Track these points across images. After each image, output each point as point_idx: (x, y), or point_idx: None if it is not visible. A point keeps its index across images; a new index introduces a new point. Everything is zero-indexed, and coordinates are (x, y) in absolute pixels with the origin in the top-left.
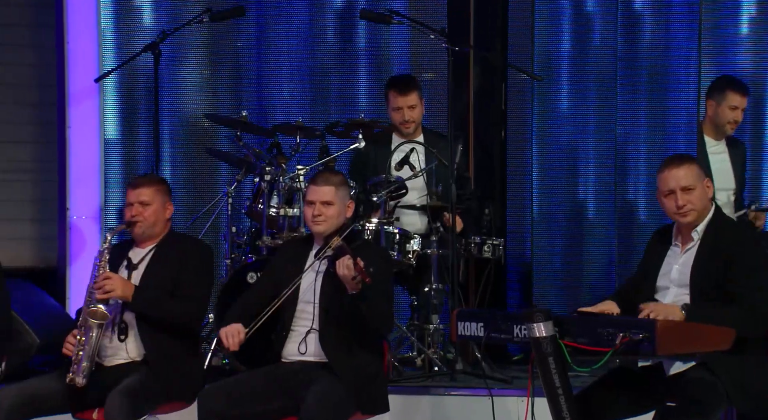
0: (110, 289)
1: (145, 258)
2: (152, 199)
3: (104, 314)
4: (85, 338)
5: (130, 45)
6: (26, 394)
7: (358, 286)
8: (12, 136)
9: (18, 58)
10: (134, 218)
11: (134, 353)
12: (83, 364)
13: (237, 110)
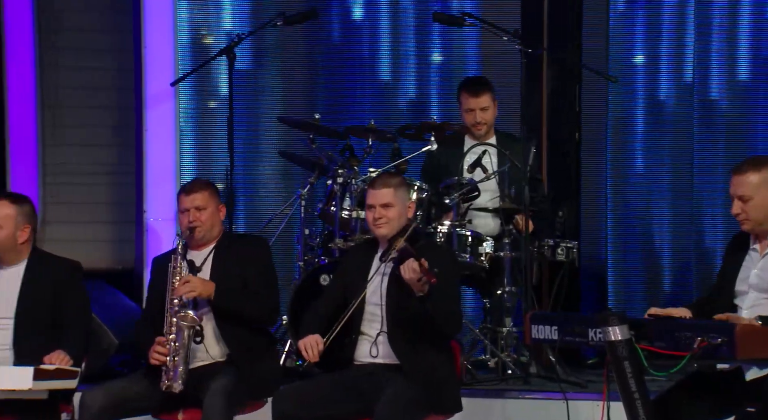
0: (191, 289)
1: (207, 259)
2: (207, 203)
3: (194, 318)
4: (177, 344)
5: (205, 49)
6: (113, 396)
7: (424, 287)
8: (91, 139)
9: (97, 63)
10: (193, 224)
11: (215, 354)
12: (179, 370)
13: (310, 113)
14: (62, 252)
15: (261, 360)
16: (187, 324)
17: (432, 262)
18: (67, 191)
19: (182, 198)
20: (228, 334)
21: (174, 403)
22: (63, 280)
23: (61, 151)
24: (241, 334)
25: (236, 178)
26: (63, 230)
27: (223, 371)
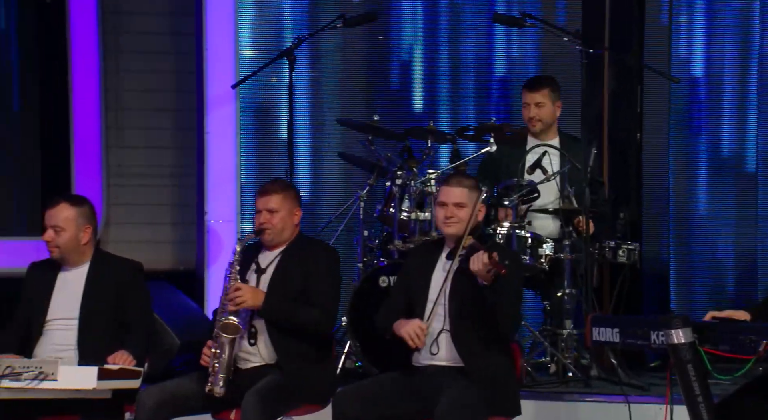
0: (241, 300)
1: (273, 262)
2: (280, 206)
3: (236, 328)
4: (219, 351)
5: (266, 51)
6: (167, 394)
7: (491, 277)
8: (153, 141)
9: (160, 66)
10: (263, 226)
11: (267, 356)
12: (220, 376)
13: (369, 115)
14: (125, 253)
15: (313, 363)
16: (229, 336)
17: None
18: (130, 193)
19: (258, 198)
20: (277, 340)
21: (227, 402)
22: (125, 280)
23: (124, 154)
24: (291, 340)
25: (296, 179)
26: (126, 231)
27: (269, 374)
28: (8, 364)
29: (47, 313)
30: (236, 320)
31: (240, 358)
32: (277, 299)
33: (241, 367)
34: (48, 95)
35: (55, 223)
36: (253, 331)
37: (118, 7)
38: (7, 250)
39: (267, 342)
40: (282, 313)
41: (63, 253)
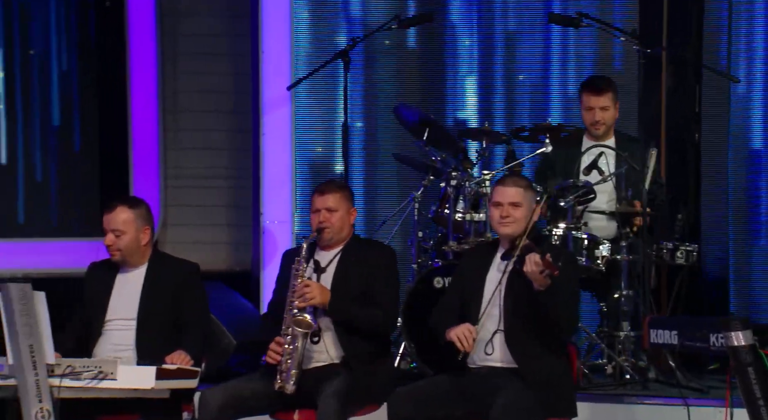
0: (311, 297)
1: (332, 261)
2: (338, 205)
3: (309, 323)
4: (292, 347)
5: (321, 53)
6: (230, 395)
7: (546, 280)
8: (209, 143)
9: (216, 68)
10: (322, 225)
11: (332, 356)
12: (292, 372)
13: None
14: (182, 254)
15: (376, 363)
16: (302, 330)
17: (554, 256)
18: (187, 194)
19: (315, 198)
20: (344, 338)
21: (290, 402)
22: (182, 281)
23: (181, 155)
24: (357, 339)
25: (351, 181)
26: (183, 232)
27: (337, 373)
28: (69, 364)
29: (106, 314)
30: (309, 317)
31: (304, 358)
32: (342, 298)
33: (304, 367)
34: (107, 97)
35: (114, 227)
36: (317, 329)
37: (176, 9)
38: (67, 250)
39: (334, 340)
40: (347, 312)
41: (124, 256)
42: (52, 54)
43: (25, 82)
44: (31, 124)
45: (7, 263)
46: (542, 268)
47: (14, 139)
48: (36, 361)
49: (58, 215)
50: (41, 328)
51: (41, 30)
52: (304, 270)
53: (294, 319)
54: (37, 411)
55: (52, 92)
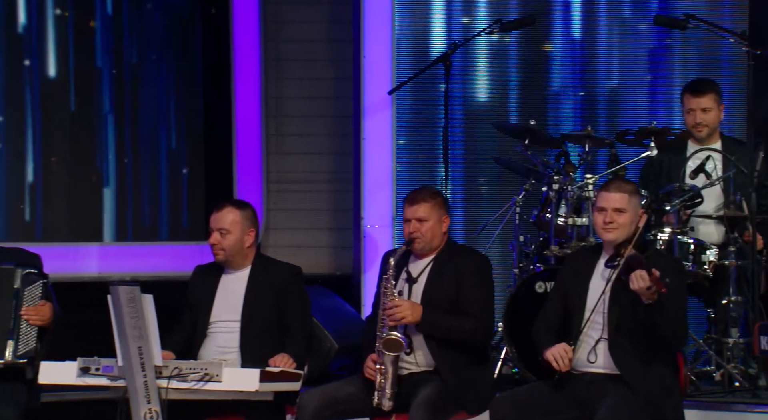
0: (401, 316)
1: (424, 271)
2: (429, 215)
3: (399, 344)
4: (384, 367)
5: (422, 57)
6: (328, 397)
7: (653, 295)
8: (312, 147)
9: (318, 73)
10: (413, 235)
11: (424, 363)
12: (387, 391)
13: (525, 119)
14: (284, 257)
15: (471, 370)
16: (392, 354)
17: (662, 272)
18: (289, 198)
19: (406, 207)
20: (435, 349)
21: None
22: (285, 284)
23: (284, 160)
24: (448, 347)
25: (452, 184)
26: (285, 236)
27: (428, 381)
28: (176, 366)
29: (211, 316)
30: (399, 336)
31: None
32: (434, 312)
33: (399, 373)
34: (212, 103)
35: (221, 226)
36: (409, 340)
37: (279, 16)
38: (173, 254)
39: (424, 350)
40: (440, 325)
41: (228, 256)
42: (160, 60)
43: (133, 89)
44: (139, 127)
45: (116, 266)
46: (650, 285)
47: (123, 141)
48: (144, 362)
49: (167, 219)
50: (149, 330)
51: (148, 38)
52: (393, 287)
53: (384, 340)
54: (146, 411)
55: (159, 97)
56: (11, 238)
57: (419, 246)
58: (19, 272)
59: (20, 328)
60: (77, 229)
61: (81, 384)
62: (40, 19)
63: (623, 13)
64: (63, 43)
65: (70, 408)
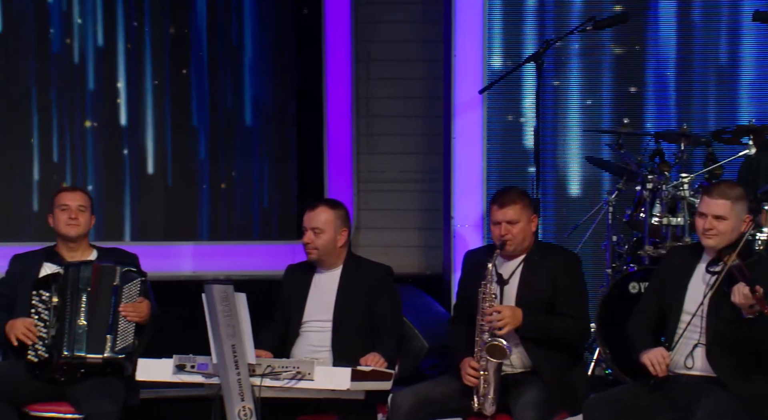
0: (503, 324)
1: (515, 272)
2: (519, 217)
3: (503, 351)
4: (487, 372)
5: (513, 56)
6: (421, 397)
7: (755, 312)
8: (402, 147)
9: (408, 73)
10: (504, 238)
11: (520, 364)
12: (489, 397)
13: (617, 118)
14: (374, 257)
15: (567, 371)
16: (496, 361)
17: (766, 287)
18: (379, 198)
19: (494, 210)
20: (532, 349)
21: None
22: (376, 284)
23: (374, 160)
24: (545, 350)
25: (543, 184)
26: (375, 236)
27: (530, 382)
28: (269, 364)
29: (303, 315)
30: (504, 343)
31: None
32: (534, 315)
33: None
34: (304, 102)
35: (314, 225)
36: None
37: (371, 16)
38: (265, 253)
39: (521, 350)
40: (539, 328)
41: (321, 255)
42: (252, 61)
43: (224, 88)
44: (233, 127)
45: (210, 265)
46: (752, 303)
47: (216, 142)
48: (238, 360)
49: (259, 219)
50: (242, 328)
51: (241, 37)
52: (492, 292)
53: (487, 346)
54: (240, 409)
55: (252, 98)
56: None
57: (511, 248)
58: (118, 270)
59: (119, 324)
60: (173, 228)
61: (177, 381)
62: None
63: (718, 8)
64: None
65: (167, 404)
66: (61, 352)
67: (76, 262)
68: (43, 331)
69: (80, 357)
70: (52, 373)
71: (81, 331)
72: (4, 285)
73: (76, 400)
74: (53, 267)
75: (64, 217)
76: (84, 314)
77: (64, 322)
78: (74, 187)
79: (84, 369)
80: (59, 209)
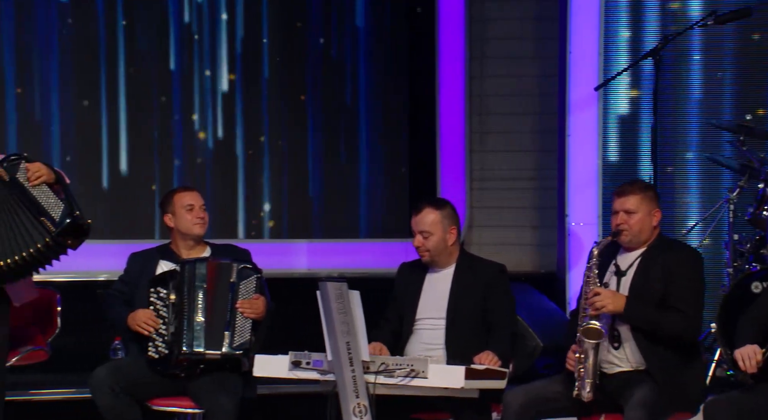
0: (601, 305)
1: (633, 264)
2: (638, 207)
3: (599, 332)
4: (584, 356)
5: (630, 52)
6: (533, 396)
7: None
8: (516, 145)
9: (522, 70)
10: (620, 227)
11: (634, 362)
12: (587, 381)
13: (739, 114)
14: (487, 255)
15: (682, 370)
16: (591, 341)
17: None
18: (492, 196)
19: (615, 199)
20: (644, 345)
21: (595, 406)
22: (490, 282)
23: (487, 157)
24: (658, 345)
25: (659, 182)
26: (488, 234)
27: (641, 381)
28: (383, 361)
29: (416, 313)
30: (598, 324)
31: (605, 363)
32: (639, 303)
33: (607, 371)
34: (416, 100)
35: (422, 229)
36: (616, 334)
37: (484, 14)
38: (378, 251)
39: (633, 347)
40: (643, 318)
41: (433, 256)
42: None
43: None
44: (347, 125)
45: (324, 263)
46: None
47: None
48: (353, 357)
49: (372, 216)
50: (357, 325)
51: (355, 36)
52: (595, 276)
53: (583, 328)
54: (355, 406)
55: (366, 96)
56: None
57: (626, 238)
58: (235, 267)
59: (236, 321)
60: (288, 226)
61: (293, 377)
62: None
63: None
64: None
65: (283, 400)
66: (180, 348)
67: (191, 260)
68: (162, 328)
69: (199, 353)
70: (172, 368)
71: (199, 327)
72: (124, 282)
73: (196, 395)
74: (169, 264)
75: (191, 216)
76: (201, 311)
77: (182, 319)
78: (190, 187)
79: (203, 365)
80: (184, 209)
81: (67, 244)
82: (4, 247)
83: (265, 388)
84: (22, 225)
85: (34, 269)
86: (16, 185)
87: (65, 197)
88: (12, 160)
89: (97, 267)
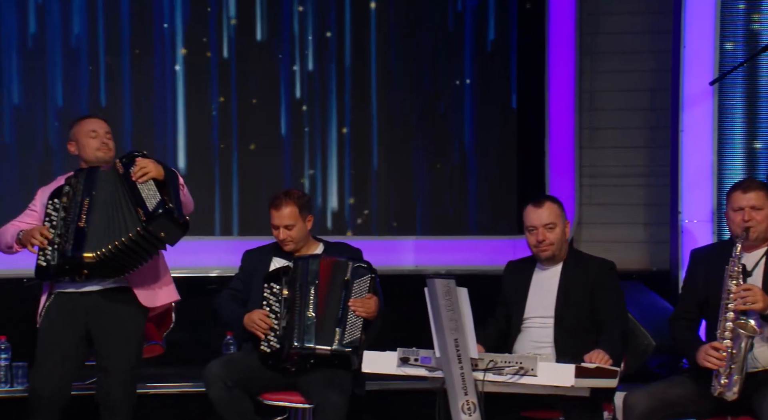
0: (753, 300)
1: (759, 263)
2: (763, 204)
3: (753, 328)
4: (735, 351)
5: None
6: (657, 399)
7: None
8: (627, 141)
9: (634, 65)
10: (748, 224)
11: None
12: (734, 378)
13: None
14: (597, 252)
15: None
16: (747, 333)
17: None
18: (602, 193)
19: (737, 196)
20: None
21: (724, 409)
22: (599, 279)
23: (597, 154)
24: None
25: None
26: (598, 231)
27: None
28: (491, 359)
29: (525, 311)
30: (753, 321)
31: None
32: None
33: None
34: (525, 96)
35: (547, 221)
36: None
37: (596, 8)
38: (485, 248)
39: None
40: None
41: (555, 251)
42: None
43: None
44: (453, 119)
45: (431, 260)
46: None
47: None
48: (461, 355)
49: (479, 213)
50: (465, 323)
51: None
52: (739, 271)
53: (737, 322)
54: (463, 403)
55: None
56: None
57: (753, 235)
58: (350, 265)
59: (347, 318)
60: (395, 223)
61: (401, 373)
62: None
63: None
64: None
65: (391, 396)
66: (291, 342)
67: (304, 256)
68: (274, 323)
69: (309, 348)
70: (283, 363)
71: (310, 322)
72: (239, 279)
73: (306, 390)
74: (282, 261)
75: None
76: (312, 306)
77: (294, 314)
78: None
79: (313, 360)
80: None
81: (159, 237)
82: (102, 235)
83: (374, 385)
84: (121, 214)
85: (132, 261)
86: (127, 179)
87: (167, 193)
88: (130, 156)
89: (209, 263)
